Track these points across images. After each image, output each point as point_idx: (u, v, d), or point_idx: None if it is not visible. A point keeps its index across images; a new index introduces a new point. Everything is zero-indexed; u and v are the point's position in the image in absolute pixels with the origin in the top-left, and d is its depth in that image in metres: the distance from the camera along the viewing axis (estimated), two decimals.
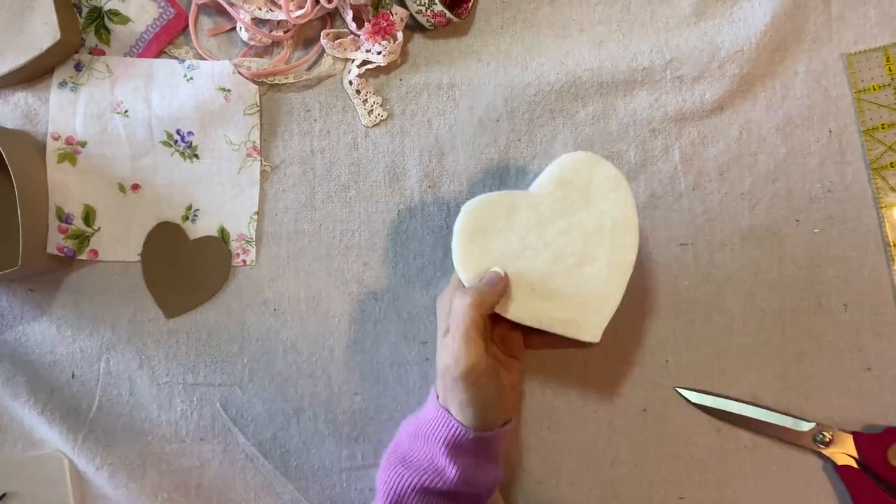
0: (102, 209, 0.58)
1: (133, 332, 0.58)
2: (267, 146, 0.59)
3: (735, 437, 0.58)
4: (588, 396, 0.59)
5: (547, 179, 0.50)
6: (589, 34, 0.60)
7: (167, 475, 0.57)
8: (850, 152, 0.60)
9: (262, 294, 0.59)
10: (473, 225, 0.50)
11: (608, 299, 0.50)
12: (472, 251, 0.50)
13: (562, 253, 0.49)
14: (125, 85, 0.58)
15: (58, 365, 0.58)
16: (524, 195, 0.51)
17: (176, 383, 0.58)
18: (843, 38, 0.60)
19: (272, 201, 0.59)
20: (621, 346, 0.58)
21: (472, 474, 0.48)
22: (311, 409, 0.58)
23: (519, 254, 0.49)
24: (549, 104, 0.60)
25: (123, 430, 0.57)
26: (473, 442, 0.47)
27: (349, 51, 0.59)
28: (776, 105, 0.60)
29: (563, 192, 0.50)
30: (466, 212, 0.50)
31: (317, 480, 0.58)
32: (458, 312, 0.46)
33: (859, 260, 0.59)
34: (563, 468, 0.58)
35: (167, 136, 0.58)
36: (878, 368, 0.58)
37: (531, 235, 0.49)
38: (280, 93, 0.60)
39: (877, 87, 0.60)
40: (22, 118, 0.58)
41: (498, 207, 0.50)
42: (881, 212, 0.59)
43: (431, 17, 0.57)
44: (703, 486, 0.58)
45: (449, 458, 0.47)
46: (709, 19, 0.60)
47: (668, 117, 0.60)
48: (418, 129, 0.60)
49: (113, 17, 0.58)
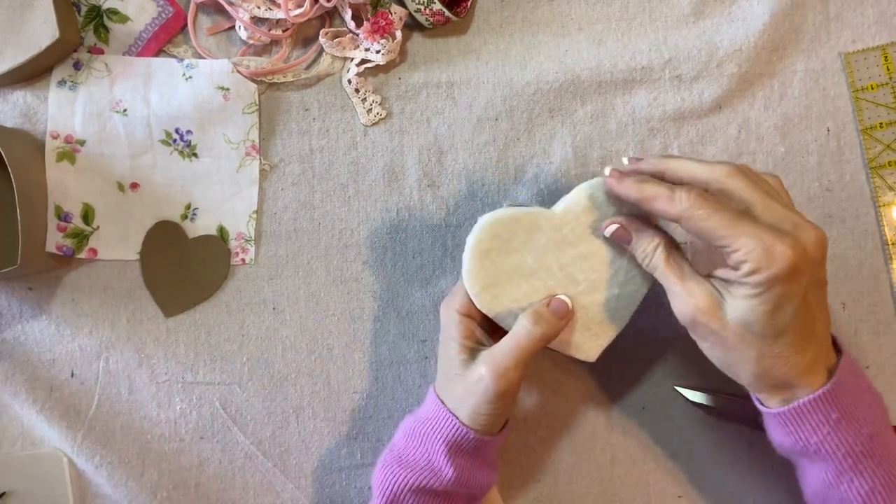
0: (101, 208, 0.58)
1: (132, 330, 0.58)
2: (266, 145, 0.59)
3: (733, 435, 0.58)
4: (586, 394, 0.59)
5: (575, 202, 0.47)
6: (588, 33, 0.61)
7: (166, 473, 0.57)
8: (849, 151, 0.60)
9: (261, 293, 0.59)
10: (490, 242, 0.47)
11: (610, 328, 0.49)
12: (483, 266, 0.48)
13: (574, 278, 0.48)
14: (124, 84, 0.58)
15: (57, 363, 0.58)
16: (549, 215, 0.48)
17: (175, 382, 0.58)
18: (841, 37, 0.61)
19: (271, 200, 0.59)
20: (620, 344, 0.58)
21: (469, 476, 0.48)
22: (311, 407, 0.58)
23: (533, 273, 0.48)
24: (547, 103, 0.60)
25: (122, 428, 0.57)
26: (474, 443, 0.47)
27: (348, 50, 0.59)
28: (774, 104, 0.60)
29: (590, 217, 0.47)
30: (483, 227, 0.47)
31: (316, 479, 0.58)
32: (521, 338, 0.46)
33: (857, 258, 0.59)
34: (561, 466, 0.58)
35: (166, 134, 0.58)
36: (876, 366, 0.58)
37: (548, 256, 0.48)
38: (279, 91, 0.60)
39: (875, 86, 0.60)
40: (21, 117, 0.58)
41: (519, 225, 0.47)
42: (879, 210, 0.59)
43: (430, 15, 0.57)
44: (702, 484, 0.58)
45: (447, 459, 0.47)
46: (707, 18, 0.60)
47: (666, 116, 0.60)
48: (417, 127, 0.60)
49: (112, 15, 0.58)
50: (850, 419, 0.42)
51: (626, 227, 0.46)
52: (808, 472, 0.45)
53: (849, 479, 0.42)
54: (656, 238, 0.45)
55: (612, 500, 0.58)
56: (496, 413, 0.47)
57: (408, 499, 0.47)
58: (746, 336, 0.41)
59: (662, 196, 0.42)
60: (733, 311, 0.41)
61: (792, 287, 0.39)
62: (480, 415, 0.46)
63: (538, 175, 0.59)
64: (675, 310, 0.44)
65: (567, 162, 0.59)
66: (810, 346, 0.42)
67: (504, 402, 0.46)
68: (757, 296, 0.39)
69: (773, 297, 0.39)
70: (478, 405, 0.46)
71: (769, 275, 0.38)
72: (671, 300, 0.44)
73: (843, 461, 0.42)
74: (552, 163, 0.60)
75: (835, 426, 0.41)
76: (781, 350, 0.41)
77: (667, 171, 0.44)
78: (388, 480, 0.48)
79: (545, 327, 0.46)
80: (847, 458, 0.42)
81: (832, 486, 0.42)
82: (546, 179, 0.59)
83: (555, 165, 0.59)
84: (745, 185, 0.41)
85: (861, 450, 0.41)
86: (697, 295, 0.42)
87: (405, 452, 0.49)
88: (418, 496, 0.47)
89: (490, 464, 0.50)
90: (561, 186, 0.59)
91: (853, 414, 0.42)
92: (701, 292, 0.42)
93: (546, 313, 0.47)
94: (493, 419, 0.47)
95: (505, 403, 0.47)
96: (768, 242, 0.38)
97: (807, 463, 0.44)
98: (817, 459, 0.43)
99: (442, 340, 0.50)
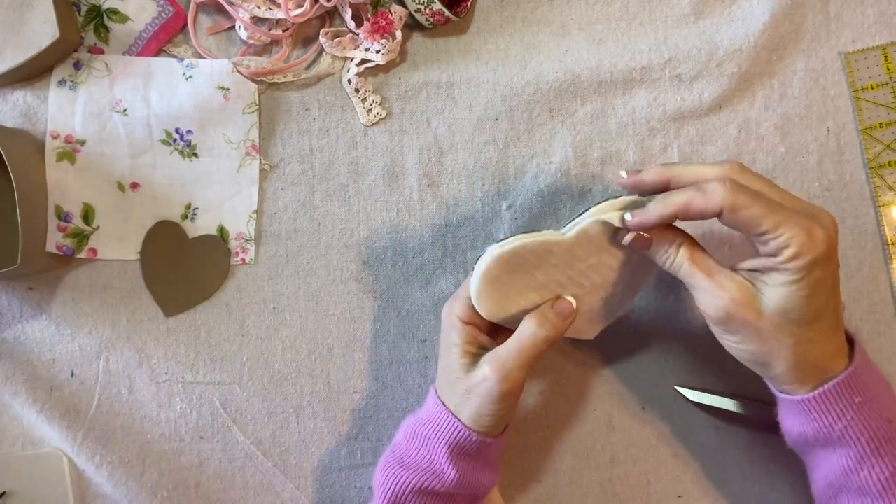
0: (101, 208, 0.58)
1: (132, 330, 0.58)
2: (266, 145, 0.59)
3: (734, 435, 0.58)
4: (587, 395, 0.59)
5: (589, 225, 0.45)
6: (588, 33, 0.61)
7: (166, 473, 0.57)
8: (849, 151, 0.60)
9: (261, 292, 0.59)
10: (499, 269, 0.46)
11: (612, 316, 0.50)
12: (494, 288, 0.47)
13: (580, 283, 0.48)
14: (124, 83, 0.58)
15: (57, 363, 0.58)
16: (560, 241, 0.46)
17: (175, 382, 0.58)
18: (841, 37, 0.61)
19: (271, 200, 0.59)
20: (620, 345, 0.58)
21: (471, 477, 0.48)
22: (311, 407, 0.58)
23: (542, 285, 0.47)
24: (547, 103, 0.60)
25: (123, 428, 0.57)
26: (476, 445, 0.47)
27: (348, 49, 0.59)
28: (774, 104, 0.60)
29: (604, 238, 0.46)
30: (494, 257, 0.45)
31: (316, 479, 0.58)
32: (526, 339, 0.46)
33: (857, 258, 0.59)
34: (561, 466, 0.58)
35: (166, 134, 0.58)
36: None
37: (558, 272, 0.47)
38: (279, 91, 0.60)
39: (875, 86, 0.60)
40: (21, 117, 0.58)
41: (530, 253, 0.46)
42: (879, 210, 0.59)
43: (430, 15, 0.57)
44: (702, 485, 0.58)
45: (449, 460, 0.47)
46: (707, 18, 0.60)
47: (666, 116, 0.60)
48: (417, 127, 0.60)
49: (112, 15, 0.58)
50: (871, 403, 0.42)
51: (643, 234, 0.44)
52: (824, 461, 0.44)
53: (870, 464, 0.42)
54: (677, 238, 0.44)
55: (612, 500, 0.58)
56: (499, 414, 0.47)
57: (410, 500, 0.47)
58: (783, 324, 0.41)
59: (695, 197, 0.41)
60: (770, 300, 0.40)
61: (827, 270, 0.39)
62: (484, 416, 0.46)
63: (538, 175, 0.59)
64: (706, 307, 0.42)
65: (567, 162, 0.59)
66: (839, 329, 0.42)
67: (508, 403, 0.46)
68: (797, 281, 0.39)
69: (812, 282, 0.39)
70: (481, 406, 0.46)
71: (810, 259, 0.38)
72: (699, 298, 0.43)
73: (867, 446, 0.42)
74: (552, 163, 0.60)
75: (858, 410, 0.42)
76: (815, 335, 0.41)
77: (672, 179, 0.44)
78: (390, 482, 0.48)
79: (550, 329, 0.46)
80: (871, 442, 0.42)
81: (852, 471, 0.42)
82: (546, 179, 0.59)
83: (555, 165, 0.59)
84: (754, 179, 0.42)
85: (884, 434, 0.42)
86: (730, 288, 0.41)
87: (407, 454, 0.49)
88: (420, 497, 0.47)
89: (492, 465, 0.50)
90: (561, 186, 0.59)
91: (875, 398, 0.42)
92: (733, 285, 0.41)
93: (551, 315, 0.47)
94: (496, 420, 0.47)
95: (508, 405, 0.47)
96: (809, 227, 0.39)
97: (823, 452, 0.44)
98: (839, 446, 0.43)
99: (443, 344, 0.50)
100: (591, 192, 0.59)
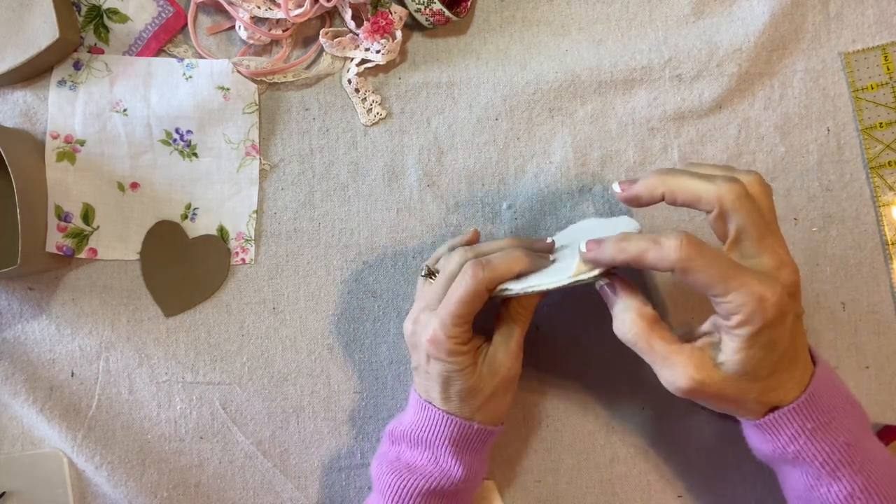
0: (101, 208, 0.58)
1: (132, 330, 0.58)
2: (266, 145, 0.59)
3: (733, 435, 0.58)
4: (586, 394, 0.59)
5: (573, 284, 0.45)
6: (588, 32, 0.61)
7: (166, 473, 0.57)
8: (849, 151, 0.60)
9: (261, 292, 0.59)
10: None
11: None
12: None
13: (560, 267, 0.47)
14: (124, 83, 0.58)
15: (57, 363, 0.58)
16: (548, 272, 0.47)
17: (175, 382, 0.58)
18: (841, 37, 0.61)
19: (271, 200, 0.59)
20: (620, 344, 0.58)
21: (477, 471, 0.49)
22: (311, 407, 0.58)
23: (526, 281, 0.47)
24: (547, 103, 0.60)
25: (122, 428, 0.57)
26: (477, 435, 0.48)
27: (348, 49, 0.59)
28: (774, 104, 0.60)
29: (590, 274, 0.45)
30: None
31: (316, 479, 0.58)
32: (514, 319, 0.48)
33: (857, 258, 0.59)
34: (561, 466, 0.58)
35: (166, 134, 0.58)
36: (875, 367, 0.58)
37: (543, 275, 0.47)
38: (279, 91, 0.60)
39: (875, 86, 0.60)
40: (21, 117, 0.58)
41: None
42: (879, 210, 0.59)
43: (430, 15, 0.57)
44: (702, 485, 0.58)
45: (455, 457, 0.48)
46: (707, 18, 0.60)
47: (666, 116, 0.60)
48: (417, 127, 0.60)
49: (112, 15, 0.58)
50: (825, 429, 0.42)
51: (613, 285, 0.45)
52: (789, 476, 0.45)
53: (827, 483, 0.42)
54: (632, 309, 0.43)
55: (612, 500, 0.58)
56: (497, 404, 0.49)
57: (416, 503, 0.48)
58: (743, 383, 0.41)
59: (650, 250, 0.40)
60: (727, 365, 0.41)
61: (779, 329, 0.40)
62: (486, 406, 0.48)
63: (538, 175, 0.59)
64: (666, 383, 0.42)
65: (567, 162, 0.59)
66: (800, 363, 0.43)
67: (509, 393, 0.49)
68: (748, 347, 0.40)
69: (764, 343, 0.39)
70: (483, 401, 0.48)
71: (759, 326, 0.39)
72: (658, 373, 0.43)
73: (821, 468, 0.42)
74: (552, 163, 0.60)
75: (810, 436, 0.42)
76: (776, 382, 0.42)
77: (665, 194, 0.43)
78: (396, 485, 0.48)
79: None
80: (825, 465, 0.42)
81: (813, 487, 0.43)
82: (546, 179, 0.59)
83: (555, 165, 0.59)
84: (748, 213, 0.41)
85: (839, 458, 0.42)
86: (686, 365, 0.41)
87: (411, 460, 0.49)
88: (427, 499, 0.48)
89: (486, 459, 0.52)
90: (561, 186, 0.59)
91: (829, 424, 0.42)
92: (690, 361, 0.41)
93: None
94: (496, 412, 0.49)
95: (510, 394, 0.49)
96: (760, 294, 0.38)
97: (786, 468, 0.45)
98: (797, 464, 0.43)
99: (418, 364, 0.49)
100: (591, 192, 0.59)
